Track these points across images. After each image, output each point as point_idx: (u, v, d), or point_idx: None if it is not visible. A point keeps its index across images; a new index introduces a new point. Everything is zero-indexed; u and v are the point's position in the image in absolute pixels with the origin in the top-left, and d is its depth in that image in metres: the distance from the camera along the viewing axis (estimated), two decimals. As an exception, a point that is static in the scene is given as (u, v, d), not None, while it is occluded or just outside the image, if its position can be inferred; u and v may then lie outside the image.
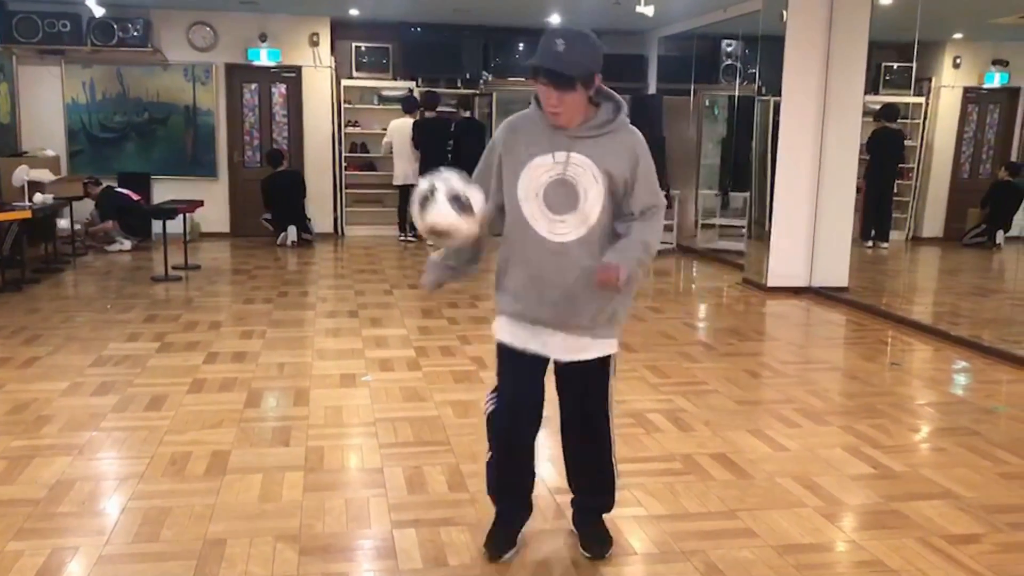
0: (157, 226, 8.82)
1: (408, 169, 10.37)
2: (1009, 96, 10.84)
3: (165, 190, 10.42)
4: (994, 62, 10.75)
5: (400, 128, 10.37)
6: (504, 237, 2.72)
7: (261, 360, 5.28)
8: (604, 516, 3.01)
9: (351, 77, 11.14)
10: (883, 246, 10.29)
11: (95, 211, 9.83)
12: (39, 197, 8.00)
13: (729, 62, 10.21)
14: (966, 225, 10.85)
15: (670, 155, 10.42)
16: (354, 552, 2.97)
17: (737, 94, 9.84)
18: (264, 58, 10.66)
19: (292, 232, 10.36)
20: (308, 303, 7.09)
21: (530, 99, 2.70)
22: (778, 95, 7.75)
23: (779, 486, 3.53)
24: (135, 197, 9.92)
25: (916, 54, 9.06)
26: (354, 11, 10.24)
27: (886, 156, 9.94)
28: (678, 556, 2.93)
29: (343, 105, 11.16)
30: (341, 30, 11.00)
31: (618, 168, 2.56)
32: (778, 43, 7.64)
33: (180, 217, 8.75)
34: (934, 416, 4.61)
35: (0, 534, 2.96)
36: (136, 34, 9.99)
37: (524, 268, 2.66)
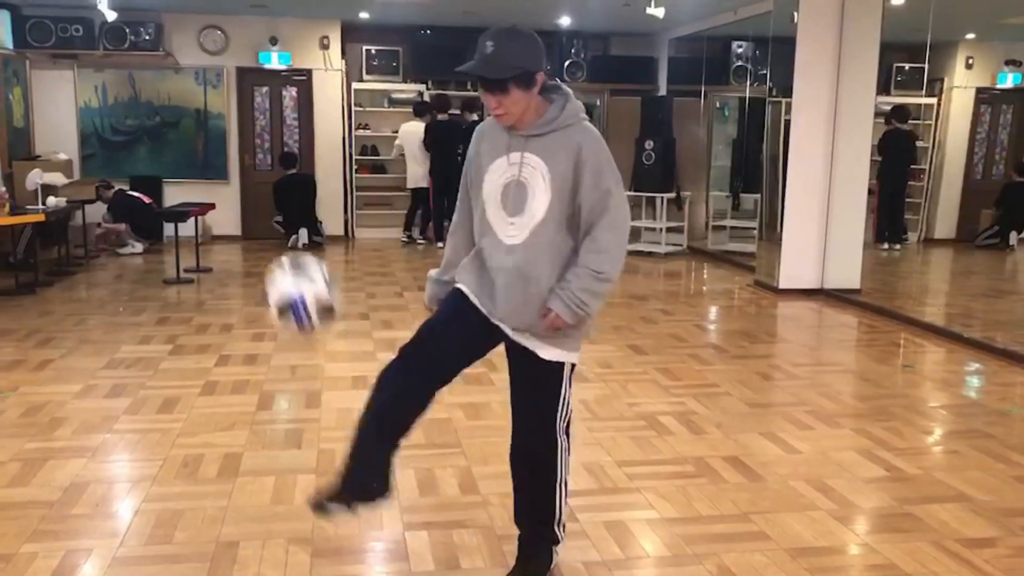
0: (169, 229, 8.86)
1: (419, 172, 10.39)
2: (1022, 96, 10.80)
3: (176, 193, 10.47)
4: (1007, 62, 10.71)
5: (411, 131, 10.39)
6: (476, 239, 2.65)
7: (273, 363, 5.29)
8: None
9: (361, 80, 11.16)
10: (896, 248, 10.25)
11: (107, 214, 9.88)
12: (52, 200, 8.04)
13: (739, 63, 10.19)
14: (979, 226, 10.81)
15: (680, 157, 10.41)
16: (366, 555, 2.97)
17: (748, 95, 9.82)
18: (275, 61, 10.69)
19: (303, 235, 10.38)
20: (319, 306, 7.09)
21: None
22: (789, 96, 7.72)
23: (792, 489, 3.52)
24: (147, 200, 9.96)
25: (928, 55, 9.03)
26: (364, 14, 10.26)
27: (897, 157, 9.91)
28: (690, 559, 2.92)
29: (353, 108, 11.19)
30: (351, 33, 11.03)
31: (561, 166, 2.43)
32: (789, 44, 7.62)
33: (192, 220, 8.78)
34: (947, 418, 4.58)
35: (15, 536, 2.98)
36: (148, 38, 10.04)
37: (479, 267, 2.58)
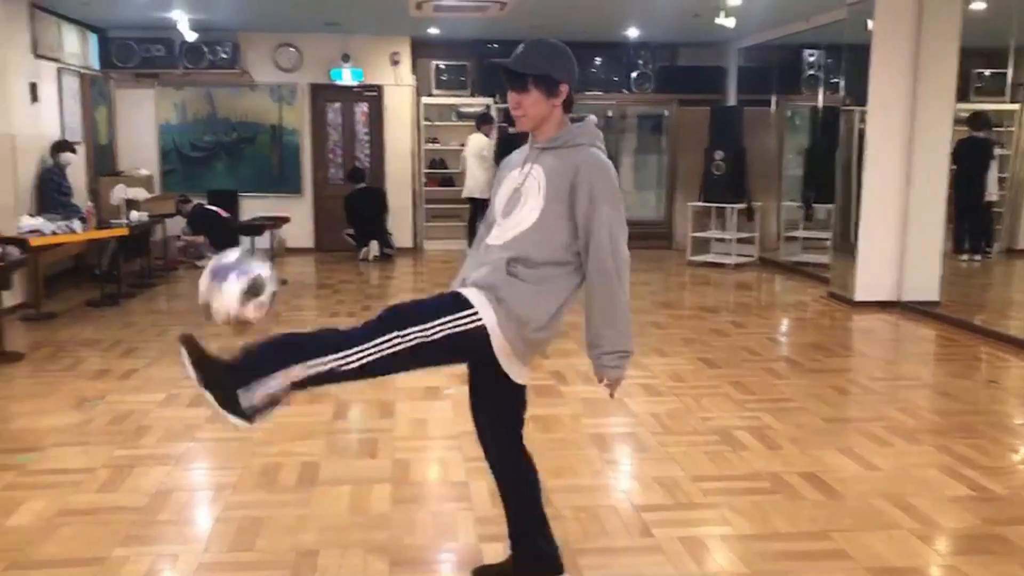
0: (245, 241, 9.08)
1: (479, 182, 10.36)
2: (1110, 101, 10.38)
3: (252, 207, 10.72)
4: (1094, 66, 10.32)
5: (470, 143, 10.45)
6: None
7: (346, 373, 5.38)
8: None
9: (431, 95, 11.31)
10: (977, 259, 9.94)
11: (186, 227, 10.18)
12: (135, 214, 8.34)
13: (811, 72, 10.02)
14: (1066, 237, 10.42)
15: (751, 167, 10.28)
16: (442, 565, 3.01)
17: (820, 104, 9.65)
18: (347, 78, 10.90)
19: (374, 247, 10.55)
20: (390, 317, 7.18)
21: (607, 112, 2.70)
22: (863, 105, 7.57)
23: (872, 507, 3.44)
24: (224, 214, 10.23)
25: (1012, 59, 8.75)
26: (433, 30, 10.40)
27: (973, 166, 9.60)
28: (769, 577, 2.88)
29: (422, 122, 11.34)
30: (421, 48, 11.19)
31: (557, 182, 2.42)
32: (863, 52, 7.47)
33: (267, 233, 8.98)
34: (1035, 436, 4.43)
35: (107, 540, 3.09)
36: (225, 56, 10.34)
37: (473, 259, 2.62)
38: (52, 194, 8.08)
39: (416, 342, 2.31)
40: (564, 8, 8.93)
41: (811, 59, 9.99)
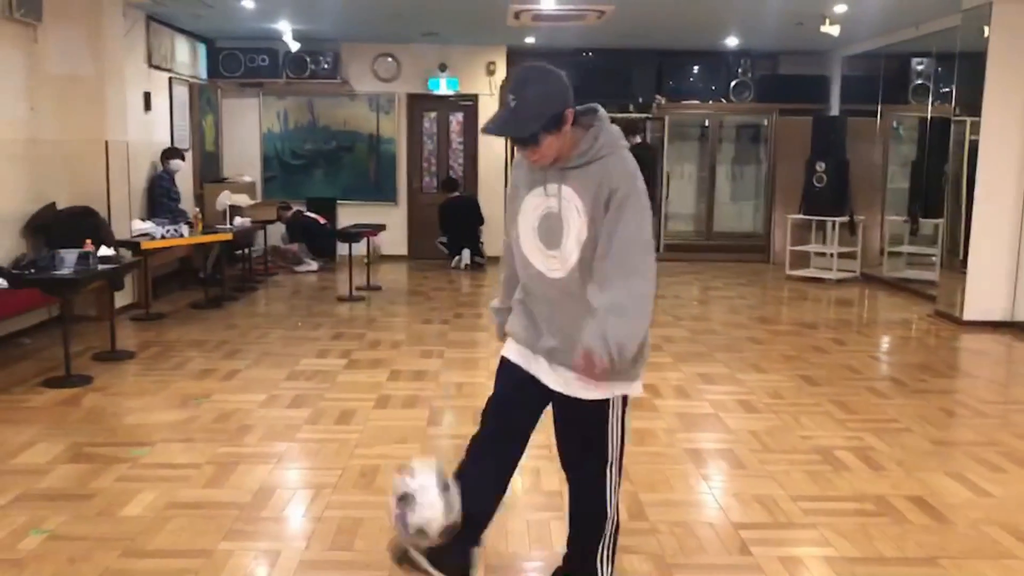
0: (341, 248, 9.29)
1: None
2: None
3: (349, 214, 10.95)
4: None
5: None
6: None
7: (441, 379, 5.44)
8: None
9: (525, 104, 11.34)
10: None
11: (285, 234, 10.48)
12: (238, 220, 8.62)
13: (920, 81, 9.68)
14: None
15: (854, 179, 9.99)
16: (536, 574, 2.99)
17: (929, 115, 9.31)
18: (443, 87, 11.06)
19: (466, 255, 10.65)
20: (481, 325, 7.24)
21: (703, 122, 2.63)
22: (976, 115, 7.28)
23: (985, 535, 3.28)
24: (322, 221, 10.50)
25: None
26: (530, 39, 10.46)
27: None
28: (875, 603, 2.78)
29: (517, 132, 11.37)
30: (516, 58, 11.24)
31: (594, 198, 2.35)
32: (977, 60, 7.19)
33: (363, 240, 9.17)
34: None
35: (213, 533, 3.19)
36: (326, 67, 10.62)
37: (526, 304, 2.57)
38: (162, 199, 8.42)
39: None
40: (662, 16, 8.86)
41: (920, 67, 9.64)
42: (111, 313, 6.29)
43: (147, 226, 7.46)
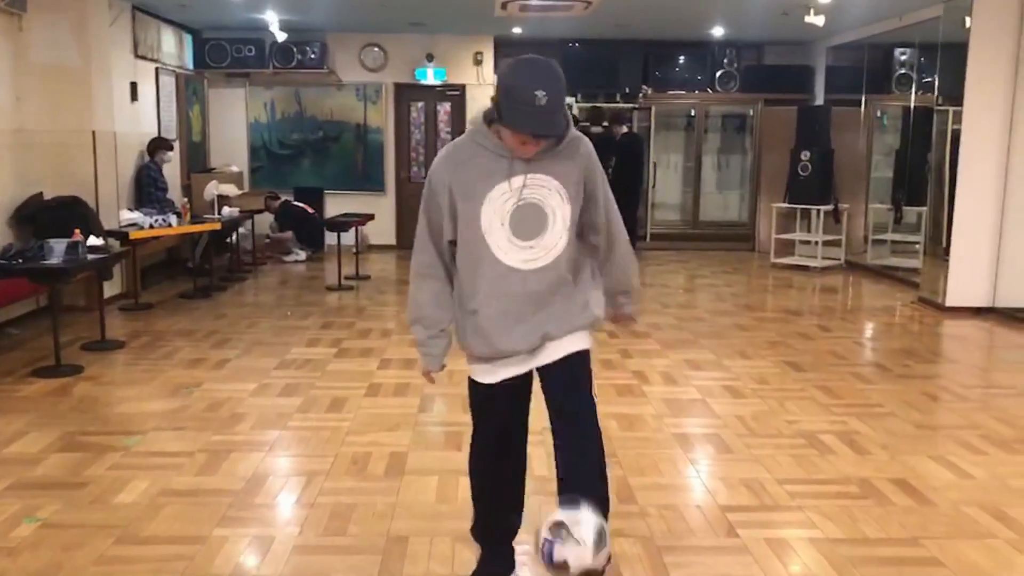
0: (329, 238, 9.30)
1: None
2: None
3: (337, 204, 10.95)
4: None
5: None
6: (461, 279, 2.51)
7: (430, 368, 5.47)
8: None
9: (512, 94, 11.35)
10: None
11: (274, 223, 10.47)
12: (226, 210, 8.61)
13: (903, 71, 9.75)
14: None
15: (838, 168, 10.07)
16: (527, 556, 3.04)
17: (912, 104, 9.39)
18: (430, 77, 11.06)
19: (454, 245, 10.65)
20: (471, 314, 7.26)
21: (689, 112, 2.70)
22: (958, 105, 7.35)
23: (966, 515, 3.36)
24: (310, 210, 10.50)
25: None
26: (517, 29, 10.47)
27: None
28: (859, 581, 2.85)
29: (504, 121, 11.39)
30: (504, 48, 11.25)
31: (574, 177, 2.42)
32: (959, 50, 7.26)
33: (352, 229, 9.18)
34: None
35: (207, 520, 3.23)
36: (313, 57, 10.60)
37: (495, 304, 2.46)
38: (149, 189, 8.40)
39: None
40: (649, 7, 8.90)
41: (903, 58, 9.72)
42: (100, 303, 6.29)
43: (135, 216, 7.44)
